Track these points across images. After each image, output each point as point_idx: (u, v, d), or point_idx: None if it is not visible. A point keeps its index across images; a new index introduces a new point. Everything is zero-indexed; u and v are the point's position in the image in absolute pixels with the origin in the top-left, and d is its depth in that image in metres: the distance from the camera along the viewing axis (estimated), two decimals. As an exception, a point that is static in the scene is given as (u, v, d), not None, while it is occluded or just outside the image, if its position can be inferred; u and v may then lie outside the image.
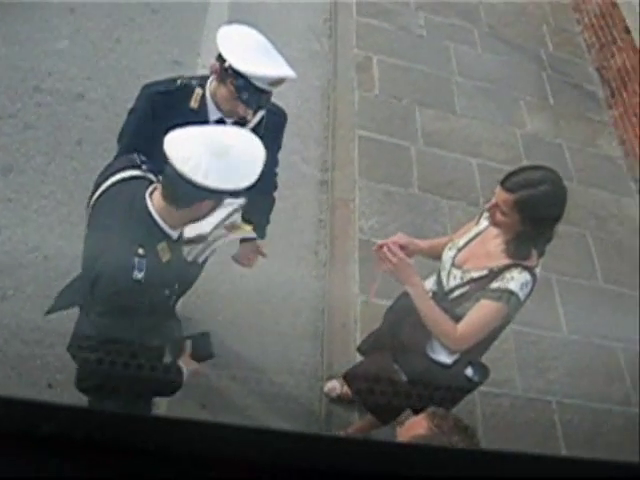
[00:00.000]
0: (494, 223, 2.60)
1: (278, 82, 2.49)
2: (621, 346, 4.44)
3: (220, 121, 2.67)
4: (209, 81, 2.62)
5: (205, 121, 2.64)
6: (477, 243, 2.75)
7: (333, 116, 5.18)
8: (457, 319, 2.67)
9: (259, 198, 2.86)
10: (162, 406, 3.06)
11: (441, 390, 2.82)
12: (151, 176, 2.32)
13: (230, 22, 2.59)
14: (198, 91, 2.60)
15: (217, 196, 2.15)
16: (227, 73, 2.46)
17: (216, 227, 2.57)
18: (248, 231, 2.81)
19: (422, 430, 1.78)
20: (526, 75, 6.19)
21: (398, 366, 2.91)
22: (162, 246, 2.20)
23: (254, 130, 2.71)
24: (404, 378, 2.90)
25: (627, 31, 6.16)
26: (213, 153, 2.06)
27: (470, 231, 2.83)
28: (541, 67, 6.34)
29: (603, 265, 4.89)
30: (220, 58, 2.49)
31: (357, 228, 4.49)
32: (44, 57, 4.73)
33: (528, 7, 6.95)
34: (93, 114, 4.52)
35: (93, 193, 2.35)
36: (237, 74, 2.44)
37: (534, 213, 2.49)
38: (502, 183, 2.51)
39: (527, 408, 3.96)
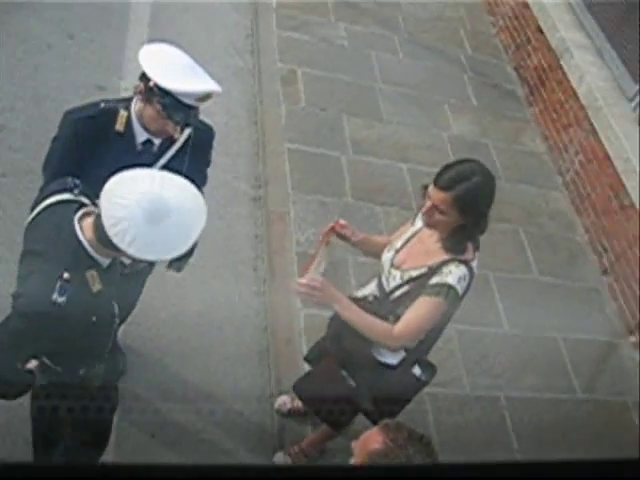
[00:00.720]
0: (430, 225, 2.63)
1: (205, 98, 2.47)
2: (561, 336, 4.54)
3: (147, 142, 2.63)
4: (133, 102, 2.58)
5: (132, 143, 2.60)
6: (414, 243, 2.79)
7: (261, 131, 5.17)
8: (398, 317, 2.70)
9: None
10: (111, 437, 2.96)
11: (390, 391, 2.83)
12: (83, 199, 2.27)
13: (151, 42, 2.55)
14: (123, 113, 2.56)
15: None
16: (152, 92, 2.43)
17: None
18: None
19: (377, 445, 1.77)
20: (448, 78, 6.31)
21: (345, 372, 2.91)
22: (91, 274, 2.15)
23: (182, 148, 2.69)
24: (352, 383, 2.90)
25: (540, 31, 6.35)
26: (147, 220, 1.99)
27: (406, 232, 2.86)
28: (461, 70, 6.47)
29: (537, 258, 5.01)
30: (144, 78, 2.45)
31: (294, 241, 4.48)
32: (-41, 90, 4.59)
33: (444, 12, 7.09)
34: (16, 145, 4.39)
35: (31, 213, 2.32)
36: (163, 92, 2.41)
37: (472, 205, 2.55)
38: (436, 183, 2.55)
39: (476, 405, 4.01)
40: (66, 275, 2.07)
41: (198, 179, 2.87)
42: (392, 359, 2.79)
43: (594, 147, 5.41)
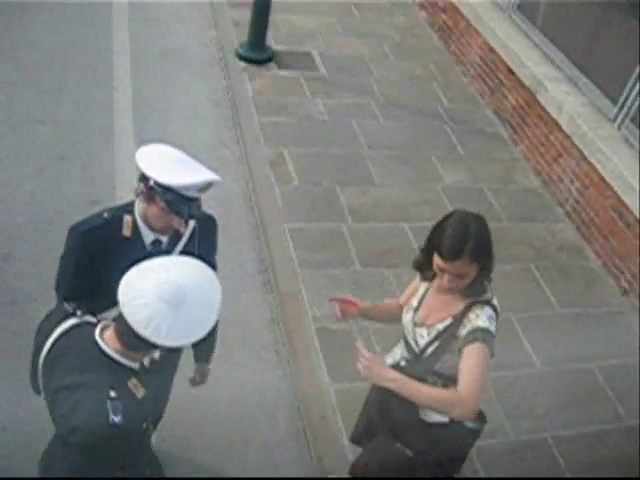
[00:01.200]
0: (454, 290, 2.62)
1: (205, 188, 2.50)
2: (596, 364, 4.47)
3: (156, 241, 2.66)
4: (136, 205, 2.61)
5: (141, 245, 2.62)
6: (431, 298, 2.78)
7: (259, 215, 5.21)
8: (438, 375, 2.67)
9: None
10: None
11: (448, 450, 2.77)
12: (90, 319, 2.26)
13: (138, 144, 2.60)
14: (128, 218, 2.59)
15: None
16: (154, 191, 2.45)
17: None
18: None
19: None
20: (430, 132, 6.42)
21: (400, 443, 2.84)
22: (133, 382, 2.14)
23: (189, 240, 2.71)
24: (409, 452, 2.84)
25: (511, 72, 6.49)
26: (172, 309, 2.01)
27: (419, 289, 2.85)
28: (442, 122, 6.58)
29: (554, 292, 4.97)
30: (143, 178, 2.48)
31: (310, 318, 4.46)
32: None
33: (415, 71, 7.26)
34: (22, 272, 4.43)
35: (36, 355, 2.27)
36: (164, 189, 2.43)
37: (484, 252, 2.56)
38: (443, 256, 2.52)
39: (525, 450, 3.91)
40: (112, 394, 2.05)
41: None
42: (443, 417, 2.70)
43: (588, 172, 5.45)
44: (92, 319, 2.25)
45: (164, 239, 2.67)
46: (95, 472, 2.11)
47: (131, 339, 2.05)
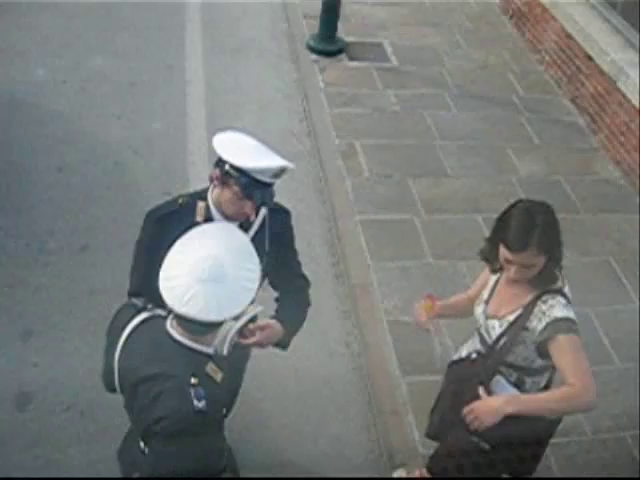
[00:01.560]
0: (523, 280, 2.57)
1: (279, 174, 2.52)
2: (677, 362, 4.30)
3: None
4: (210, 191, 2.64)
5: None
6: (501, 289, 2.75)
7: (331, 208, 5.21)
8: (510, 366, 2.65)
9: (288, 302, 2.85)
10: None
11: (525, 440, 2.71)
12: (160, 312, 2.30)
13: (212, 137, 2.63)
14: (201, 204, 2.62)
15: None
16: (229, 175, 2.49)
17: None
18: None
19: None
20: (505, 123, 6.27)
21: (476, 437, 2.79)
22: (210, 367, 2.17)
23: (260, 230, 2.72)
24: (485, 446, 2.79)
25: (589, 58, 6.28)
26: (209, 284, 2.04)
27: (489, 281, 2.80)
28: (517, 112, 6.43)
29: (634, 286, 4.80)
30: (219, 163, 2.52)
31: (383, 311, 4.44)
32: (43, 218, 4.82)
33: (488, 60, 7.11)
34: (100, 263, 4.55)
35: (109, 351, 2.33)
36: (240, 172, 2.46)
37: (552, 242, 2.52)
38: (510, 248, 2.49)
39: (602, 449, 3.80)
40: (193, 380, 2.09)
41: (288, 259, 2.93)
42: None
43: (670, 162, 5.24)
44: (162, 312, 2.29)
45: (235, 225, 2.68)
46: (180, 461, 2.13)
47: (186, 321, 2.09)
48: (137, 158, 5.46)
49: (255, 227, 2.72)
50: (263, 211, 2.70)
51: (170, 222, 2.57)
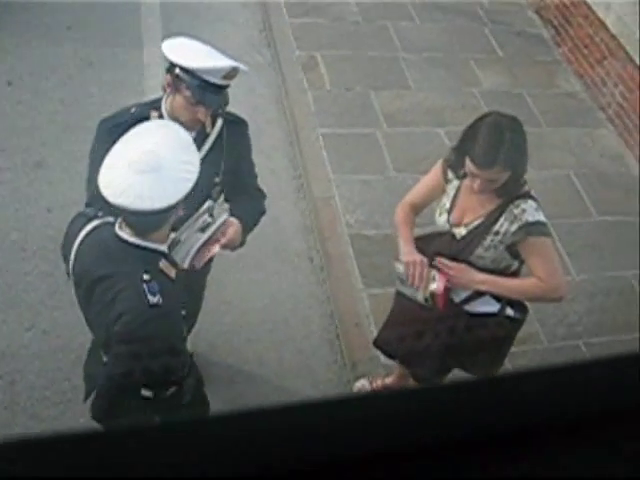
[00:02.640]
0: (484, 190, 2.58)
1: (230, 75, 2.47)
2: (631, 273, 4.41)
3: None
4: (163, 100, 2.60)
5: None
6: (463, 197, 2.74)
7: (292, 121, 5.13)
8: (477, 268, 2.69)
9: (241, 203, 2.80)
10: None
11: (488, 339, 2.78)
12: (110, 219, 2.29)
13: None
14: (154, 114, 2.58)
15: (167, 214, 2.12)
16: (179, 79, 2.45)
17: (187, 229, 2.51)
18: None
19: None
20: (469, 34, 6.17)
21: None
22: (163, 263, 2.18)
23: (216, 140, 2.68)
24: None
25: (556, -32, 6.16)
26: (138, 171, 2.05)
27: (448, 190, 2.79)
28: (481, 23, 6.32)
29: (593, 199, 4.87)
30: (170, 68, 2.49)
31: (344, 224, 4.44)
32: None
33: (454, -31, 6.94)
34: (56, 179, 4.44)
35: (66, 260, 2.33)
36: (189, 74, 2.43)
37: (519, 159, 2.53)
38: (476, 163, 2.48)
39: (558, 357, 3.92)
40: (146, 276, 2.09)
41: (243, 168, 2.86)
42: (490, 307, 2.78)
43: (633, 75, 5.23)
44: (112, 220, 2.27)
45: (191, 135, 2.63)
46: (139, 363, 2.14)
47: (130, 218, 2.10)
48: (91, 70, 5.27)
49: (212, 138, 2.67)
50: (219, 122, 2.66)
51: (123, 131, 2.51)
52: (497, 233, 2.62)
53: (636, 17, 5.24)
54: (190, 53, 2.46)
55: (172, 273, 2.20)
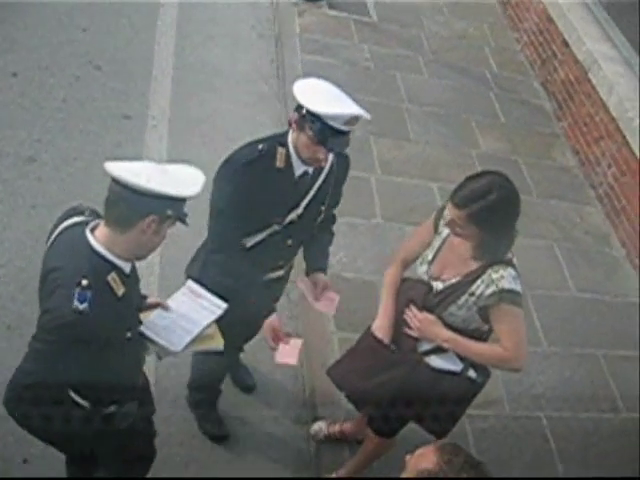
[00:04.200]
0: (455, 234, 2.61)
1: (352, 122, 2.57)
2: (602, 352, 4.43)
3: (304, 174, 2.74)
4: (289, 135, 2.68)
5: (291, 177, 2.71)
6: (446, 252, 2.77)
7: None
8: (447, 325, 2.71)
9: (321, 234, 3.03)
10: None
11: (446, 397, 2.76)
12: (96, 221, 2.28)
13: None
14: (281, 150, 2.67)
15: (160, 209, 2.11)
16: (305, 119, 2.56)
17: (192, 341, 2.53)
18: (217, 343, 2.63)
19: (430, 464, 1.67)
20: (474, 96, 6.27)
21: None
22: (112, 277, 2.15)
23: (327, 176, 2.81)
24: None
25: (566, 44, 6.30)
26: (155, 169, 2.14)
27: (434, 242, 2.82)
28: (488, 87, 6.43)
29: (574, 274, 4.91)
30: (298, 108, 2.59)
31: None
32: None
33: (468, 30, 7.08)
34: (46, 177, 4.42)
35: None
36: (314, 117, 2.52)
37: (489, 222, 2.53)
38: (451, 199, 2.56)
39: (518, 426, 3.91)
40: (84, 282, 2.05)
41: (335, 199, 2.99)
42: (455, 366, 2.78)
43: (627, 159, 5.32)
44: (97, 221, 2.26)
45: (310, 172, 2.75)
46: (51, 364, 2.14)
47: (115, 206, 2.12)
48: (98, 73, 5.29)
49: (324, 174, 2.80)
50: (331, 157, 2.75)
51: (252, 171, 2.64)
52: (472, 294, 2.64)
53: (636, 104, 5.36)
54: (317, 96, 2.56)
55: (120, 291, 2.16)
